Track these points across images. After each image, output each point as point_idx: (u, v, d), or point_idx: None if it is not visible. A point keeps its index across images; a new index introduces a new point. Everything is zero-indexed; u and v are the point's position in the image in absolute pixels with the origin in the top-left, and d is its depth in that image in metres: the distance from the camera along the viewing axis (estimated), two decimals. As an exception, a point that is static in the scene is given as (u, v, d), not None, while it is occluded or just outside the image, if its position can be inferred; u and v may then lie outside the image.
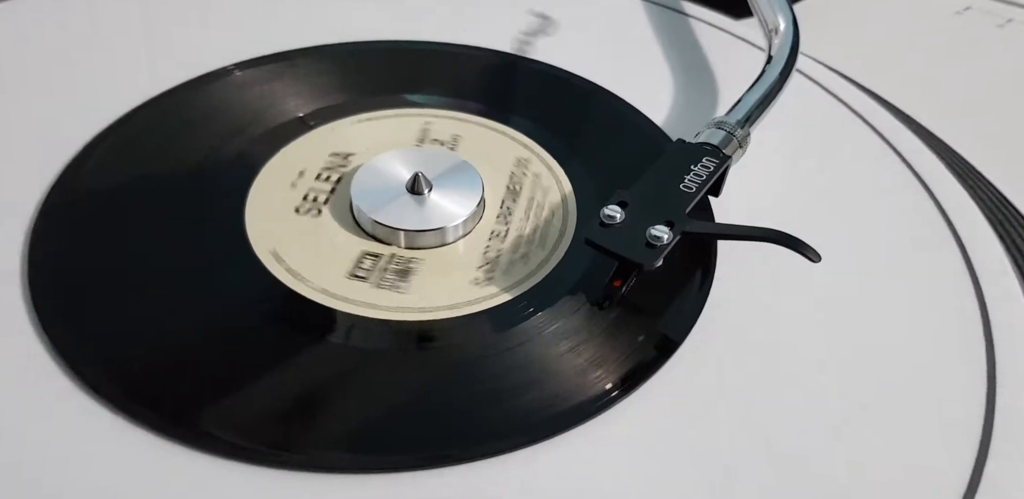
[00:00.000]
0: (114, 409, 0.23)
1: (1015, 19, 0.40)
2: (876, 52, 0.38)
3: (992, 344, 0.26)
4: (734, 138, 0.28)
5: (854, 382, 0.25)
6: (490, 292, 0.26)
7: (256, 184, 0.29)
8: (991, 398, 0.25)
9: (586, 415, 0.24)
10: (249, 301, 0.26)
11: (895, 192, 0.31)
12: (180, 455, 0.22)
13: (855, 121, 0.34)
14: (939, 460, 0.24)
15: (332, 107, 0.32)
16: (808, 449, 0.24)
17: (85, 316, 0.25)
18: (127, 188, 0.29)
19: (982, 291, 0.28)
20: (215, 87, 0.33)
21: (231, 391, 0.24)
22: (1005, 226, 0.30)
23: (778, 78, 0.31)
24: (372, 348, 0.25)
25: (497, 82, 0.35)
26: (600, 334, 0.26)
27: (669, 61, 0.37)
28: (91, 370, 0.24)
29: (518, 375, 0.25)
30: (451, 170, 0.29)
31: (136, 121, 0.31)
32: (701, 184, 0.26)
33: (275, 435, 0.23)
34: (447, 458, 0.23)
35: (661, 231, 0.25)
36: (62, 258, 0.27)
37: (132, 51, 0.34)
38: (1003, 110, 0.36)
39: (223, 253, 0.27)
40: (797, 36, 0.33)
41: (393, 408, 0.24)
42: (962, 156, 0.33)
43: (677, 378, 0.25)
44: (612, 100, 0.34)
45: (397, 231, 0.27)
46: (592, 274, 0.27)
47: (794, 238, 0.24)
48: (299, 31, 0.35)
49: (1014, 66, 0.38)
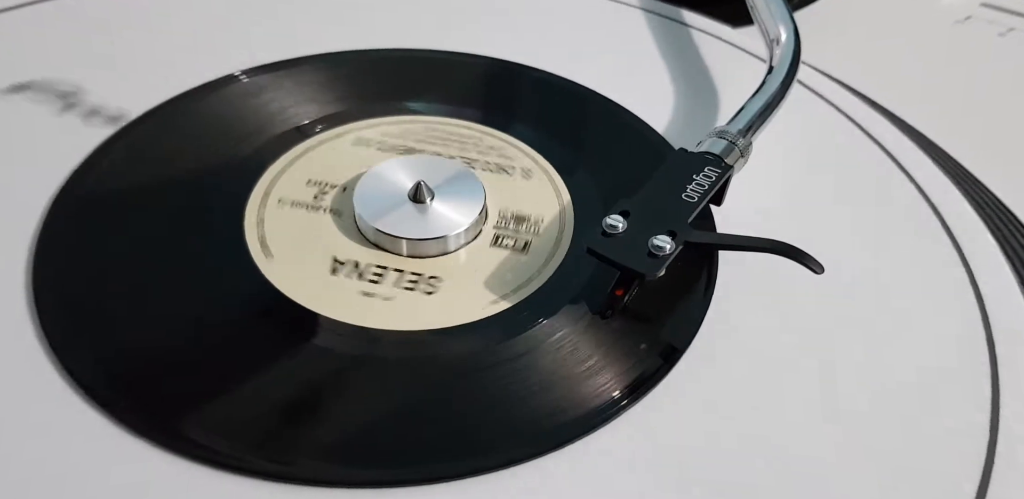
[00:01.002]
0: (116, 419, 0.23)
1: (1016, 28, 0.40)
2: (877, 61, 0.38)
3: (994, 349, 0.27)
4: (736, 147, 0.28)
5: (859, 389, 0.25)
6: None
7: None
8: (995, 403, 0.25)
9: (591, 426, 0.24)
10: (247, 309, 0.26)
11: (896, 201, 0.31)
12: (166, 461, 0.22)
13: (856, 131, 0.34)
14: (946, 465, 0.24)
15: (337, 114, 0.32)
16: (813, 456, 0.24)
17: (87, 320, 0.25)
18: (133, 194, 0.29)
19: (982, 296, 0.28)
20: (222, 94, 0.33)
21: (237, 400, 0.24)
22: (1004, 232, 0.31)
23: (779, 88, 0.31)
24: (369, 356, 0.25)
25: (498, 91, 0.35)
26: (603, 344, 0.26)
27: (671, 71, 0.37)
28: (90, 375, 0.24)
29: (519, 386, 0.24)
30: (453, 178, 0.29)
31: (141, 129, 0.31)
32: (703, 193, 0.27)
33: (269, 445, 0.23)
34: (447, 473, 0.23)
35: (663, 241, 0.25)
36: (67, 262, 0.27)
37: (141, 56, 0.35)
38: (1004, 119, 0.36)
39: (223, 261, 0.27)
40: (798, 46, 0.33)
41: (391, 420, 0.24)
42: (963, 165, 0.33)
43: (681, 387, 0.25)
44: (613, 109, 0.34)
45: (399, 239, 0.27)
46: (594, 283, 0.27)
47: (797, 249, 0.24)
48: (308, 38, 0.36)
49: (1015, 75, 0.38)
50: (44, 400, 0.23)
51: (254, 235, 0.28)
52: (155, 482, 0.22)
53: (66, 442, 0.23)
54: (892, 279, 0.29)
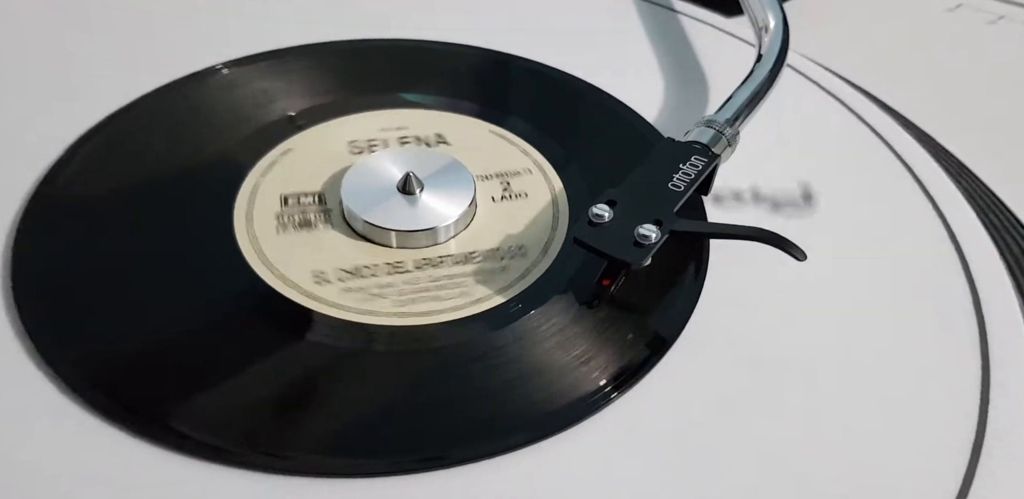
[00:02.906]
0: (101, 414, 0.23)
1: (1007, 16, 0.40)
2: (868, 49, 0.38)
3: (987, 344, 0.27)
4: (723, 137, 0.28)
5: (848, 380, 0.25)
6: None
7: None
8: (984, 398, 0.25)
9: (579, 416, 0.24)
10: (237, 304, 0.26)
11: (886, 186, 0.31)
12: (157, 456, 0.22)
13: (849, 118, 0.34)
14: (932, 462, 0.24)
15: (322, 106, 0.32)
16: (800, 448, 0.24)
17: (69, 317, 0.25)
18: (111, 190, 0.29)
19: (977, 290, 0.28)
20: (203, 86, 0.33)
21: (225, 394, 0.24)
22: (993, 221, 0.31)
23: (768, 76, 0.31)
24: (360, 350, 0.25)
25: (487, 80, 0.35)
26: (592, 334, 0.26)
27: (661, 59, 0.37)
28: (73, 371, 0.24)
29: (509, 376, 0.24)
30: (443, 170, 0.29)
31: (121, 122, 0.31)
32: (689, 183, 0.27)
33: (260, 437, 0.23)
34: (438, 461, 0.23)
35: (649, 230, 0.25)
36: (46, 259, 0.27)
37: (118, 50, 0.34)
38: (994, 107, 0.36)
39: (210, 256, 0.27)
40: (787, 34, 0.33)
41: (381, 411, 0.24)
42: (951, 152, 0.33)
43: (671, 377, 0.25)
44: (603, 98, 0.34)
45: (388, 231, 0.27)
46: (585, 273, 0.27)
47: (779, 237, 0.24)
48: (289, 29, 0.36)
49: (1006, 63, 0.38)
50: (33, 403, 0.23)
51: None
52: (149, 479, 0.22)
53: (61, 445, 0.23)
54: (883, 266, 0.29)
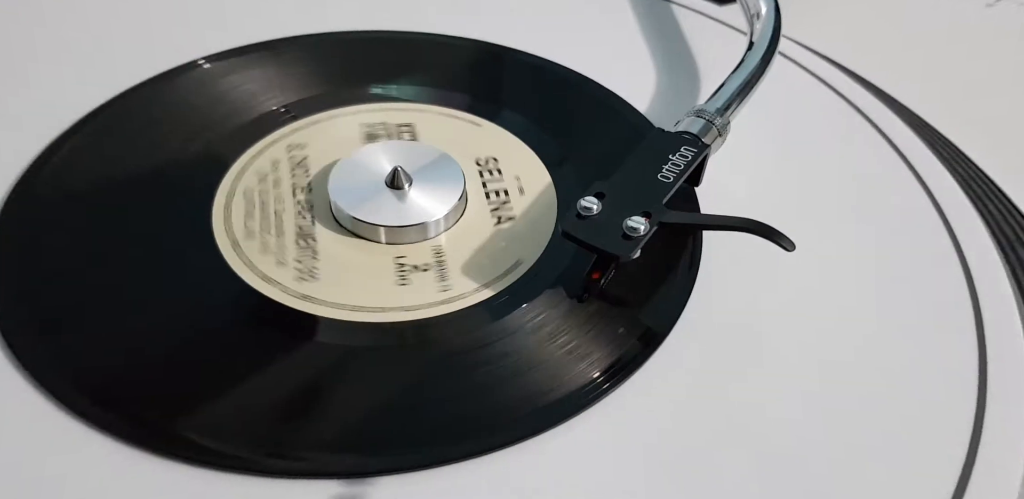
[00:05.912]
0: (85, 420, 0.23)
1: (1005, -2, 0.40)
2: (861, 34, 0.38)
3: (983, 333, 0.26)
4: (714, 126, 0.28)
5: (842, 373, 0.25)
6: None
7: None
8: (982, 389, 0.25)
9: (572, 410, 0.24)
10: (217, 303, 0.26)
11: (881, 174, 0.31)
12: (152, 464, 0.22)
13: (842, 105, 0.34)
14: (928, 458, 0.23)
15: (305, 100, 0.32)
16: (794, 444, 0.24)
17: (48, 322, 0.25)
18: (91, 189, 0.29)
19: (972, 277, 0.28)
20: (182, 82, 0.32)
21: (218, 397, 0.24)
22: (988, 206, 0.30)
23: (759, 64, 0.31)
24: (352, 348, 0.25)
25: (476, 71, 0.35)
26: (584, 328, 0.25)
27: (652, 47, 0.36)
28: (55, 378, 0.24)
29: (499, 372, 0.24)
30: (432, 164, 0.29)
31: (102, 118, 0.31)
32: (679, 174, 0.26)
33: (256, 439, 0.23)
34: (433, 459, 0.23)
35: (638, 222, 0.24)
36: (23, 260, 0.26)
37: (94, 47, 0.34)
38: (989, 91, 0.35)
39: (190, 255, 0.27)
40: (779, 21, 0.32)
41: (375, 410, 0.24)
42: (946, 137, 0.33)
43: (664, 371, 0.25)
44: (594, 88, 0.34)
45: (377, 227, 0.27)
46: (576, 266, 0.27)
47: (768, 227, 0.24)
48: (271, 22, 0.35)
49: (1003, 46, 0.38)
50: (17, 410, 0.23)
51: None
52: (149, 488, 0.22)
53: (56, 459, 0.22)
54: (878, 256, 0.28)
